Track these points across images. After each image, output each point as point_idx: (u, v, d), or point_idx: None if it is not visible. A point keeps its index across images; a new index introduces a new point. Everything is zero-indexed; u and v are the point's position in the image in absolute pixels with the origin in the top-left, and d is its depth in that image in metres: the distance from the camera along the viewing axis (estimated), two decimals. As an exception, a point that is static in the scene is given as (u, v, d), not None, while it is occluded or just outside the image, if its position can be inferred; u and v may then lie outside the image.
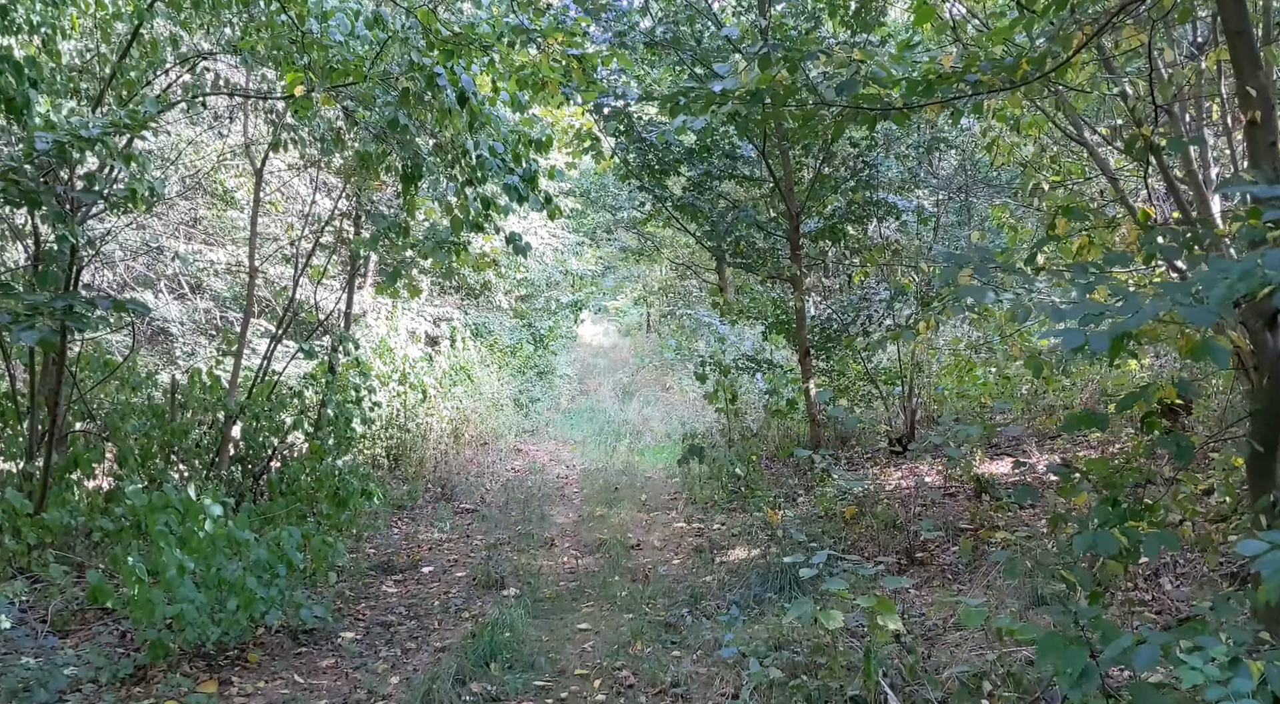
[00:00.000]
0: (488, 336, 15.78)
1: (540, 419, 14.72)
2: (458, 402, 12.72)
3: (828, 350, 9.29)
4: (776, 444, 10.54)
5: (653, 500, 9.45)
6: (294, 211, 12.54)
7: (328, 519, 7.38)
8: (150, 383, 8.56)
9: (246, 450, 8.85)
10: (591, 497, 9.73)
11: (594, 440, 13.44)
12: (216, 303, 13.43)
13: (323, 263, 10.43)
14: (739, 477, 8.86)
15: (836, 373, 9.57)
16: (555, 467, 11.83)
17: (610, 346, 35.62)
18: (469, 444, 12.20)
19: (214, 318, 13.12)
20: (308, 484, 7.90)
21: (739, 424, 10.41)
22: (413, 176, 6.86)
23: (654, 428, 13.83)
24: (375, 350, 12.26)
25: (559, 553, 7.59)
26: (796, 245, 9.13)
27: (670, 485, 10.23)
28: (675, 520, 8.44)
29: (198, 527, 5.05)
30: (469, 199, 6.11)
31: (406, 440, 11.04)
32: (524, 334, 16.53)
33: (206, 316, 13.04)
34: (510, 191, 6.00)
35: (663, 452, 12.48)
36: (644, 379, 19.74)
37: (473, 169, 6.26)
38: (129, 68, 6.44)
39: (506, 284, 16.42)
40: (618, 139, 9.22)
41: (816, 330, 9.38)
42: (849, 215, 9.16)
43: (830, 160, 9.03)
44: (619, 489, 9.92)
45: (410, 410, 11.44)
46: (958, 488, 7.59)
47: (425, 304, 14.87)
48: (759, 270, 9.29)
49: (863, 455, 9.56)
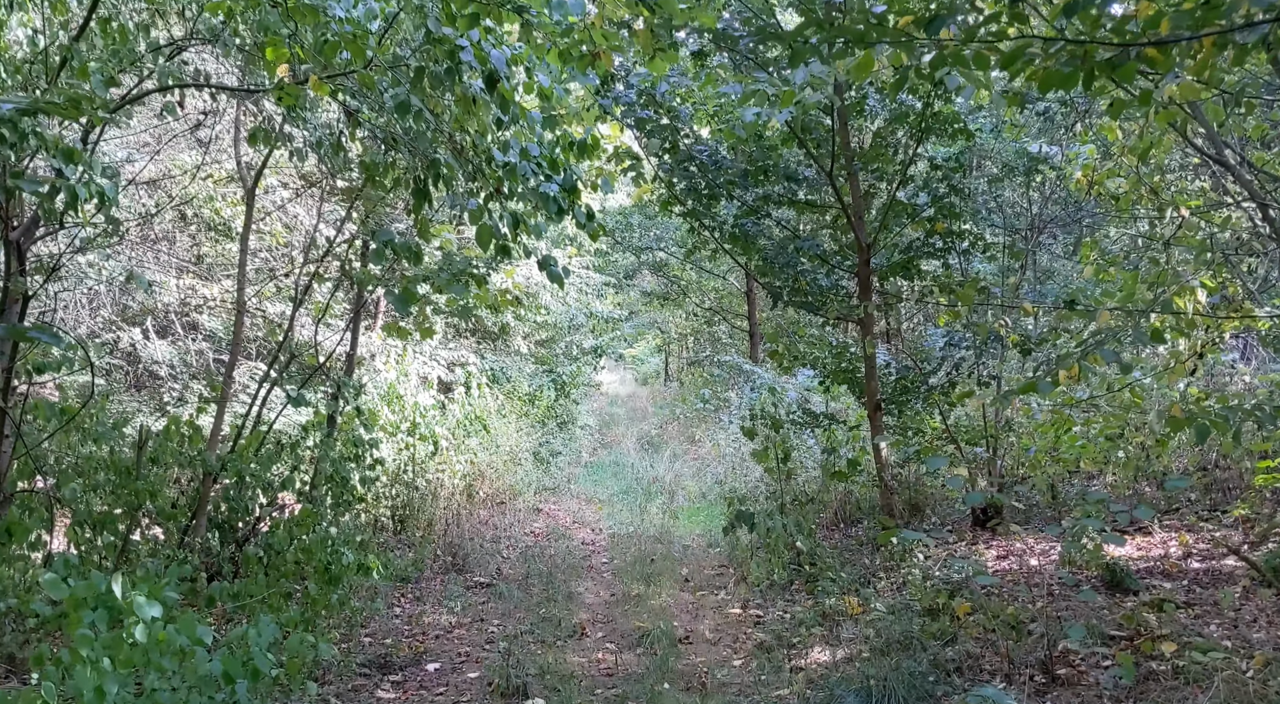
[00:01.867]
0: (506, 383, 14.57)
1: (561, 474, 13.44)
2: (472, 455, 11.48)
3: (900, 403, 8.02)
4: (836, 510, 9.23)
5: (696, 576, 8.13)
6: (297, 244, 11.44)
7: (315, 602, 6.11)
8: (117, 433, 7.35)
9: (228, 513, 7.65)
10: (624, 569, 8.42)
11: (621, 499, 12.15)
12: (212, 344, 12.29)
13: (326, 299, 9.26)
14: (800, 551, 7.55)
15: (911, 430, 8.29)
16: (579, 530, 10.53)
17: (628, 395, 34.46)
18: (484, 503, 10.93)
19: (206, 360, 11.96)
20: (295, 556, 6.65)
21: (790, 487, 9.10)
22: (425, 191, 5.71)
23: (686, 486, 12.53)
24: (383, 397, 11.09)
25: (591, 646, 6.29)
26: (867, 282, 7.91)
27: (713, 556, 8.92)
28: (728, 604, 7.13)
29: (127, 633, 3.80)
30: (495, 216, 4.91)
31: (414, 499, 9.78)
32: (545, 381, 15.31)
33: (199, 359, 11.88)
34: (546, 202, 4.81)
35: (699, 513, 11.17)
36: (670, 431, 18.46)
37: (499, 178, 5.08)
38: (87, 55, 5.32)
39: (526, 327, 15.26)
40: (660, 159, 8.07)
41: (890, 381, 8.13)
42: (926, 249, 7.95)
43: (906, 184, 7.84)
44: (655, 561, 8.62)
45: (419, 465, 10.20)
46: (1078, 574, 6.26)
47: (439, 347, 13.70)
48: (828, 311, 8.05)
49: (941, 527, 8.24)
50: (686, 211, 8.21)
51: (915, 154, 7.65)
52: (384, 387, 11.14)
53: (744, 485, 11.47)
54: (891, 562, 7.18)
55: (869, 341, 7.66)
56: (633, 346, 38.42)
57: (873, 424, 8.00)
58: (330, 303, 9.06)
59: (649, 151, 7.96)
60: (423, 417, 11.06)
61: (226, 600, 6.04)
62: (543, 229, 5.70)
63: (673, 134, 7.59)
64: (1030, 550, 7.19)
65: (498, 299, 9.22)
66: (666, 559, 8.69)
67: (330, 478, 7.57)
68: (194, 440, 7.39)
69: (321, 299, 10.49)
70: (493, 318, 14.80)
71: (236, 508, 7.60)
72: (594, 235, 5.44)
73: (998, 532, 7.83)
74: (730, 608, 6.96)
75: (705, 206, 8.08)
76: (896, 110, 7.71)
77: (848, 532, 8.95)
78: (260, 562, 6.66)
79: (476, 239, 4.82)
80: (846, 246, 8.15)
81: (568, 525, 10.73)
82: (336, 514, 7.82)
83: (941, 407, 7.98)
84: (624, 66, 7.59)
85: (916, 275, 8.16)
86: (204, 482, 7.32)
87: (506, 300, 9.01)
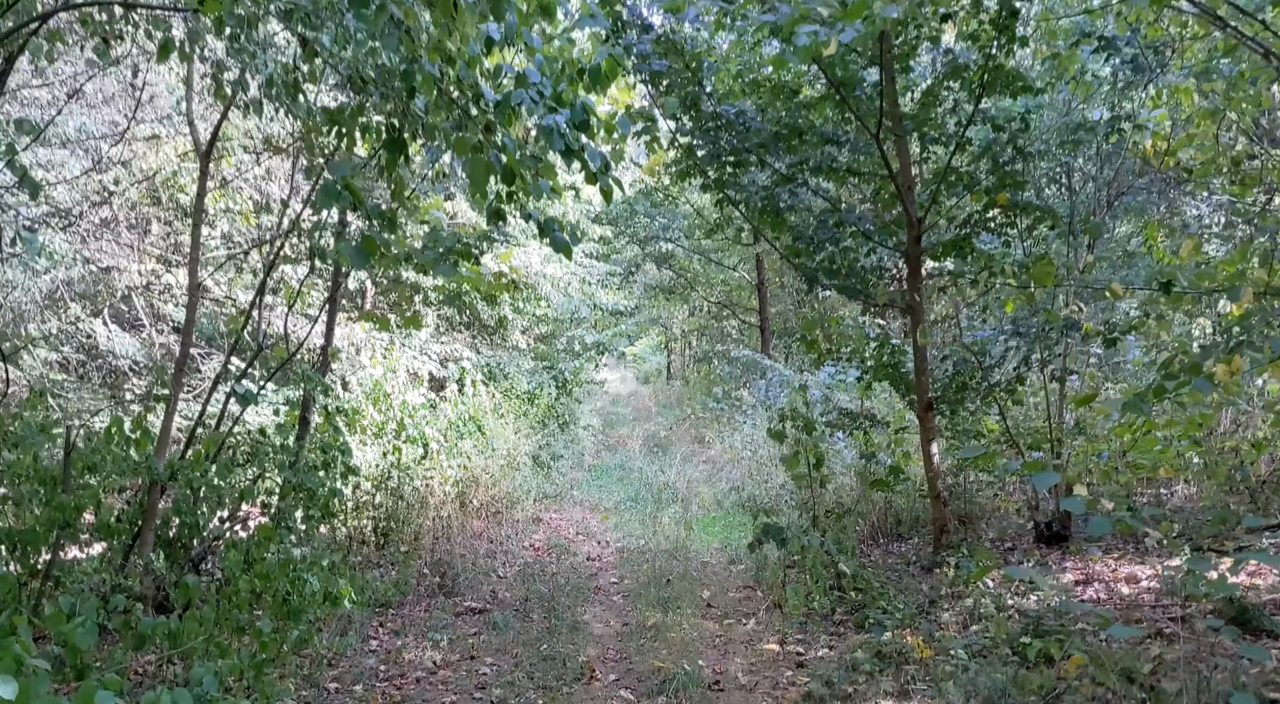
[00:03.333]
0: (503, 381, 13.51)
1: (563, 480, 12.37)
2: (465, 459, 10.43)
3: (956, 402, 6.96)
4: (874, 523, 8.18)
5: (720, 599, 7.08)
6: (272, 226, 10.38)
7: (267, 645, 5.06)
8: (45, 436, 6.31)
9: (179, 530, 6.63)
10: (636, 591, 7.37)
11: (629, 508, 11.09)
12: (175, 332, 11.22)
13: (300, 283, 8.20)
14: (843, 574, 6.50)
15: (969, 432, 7.25)
16: (584, 543, 9.48)
17: (629, 394, 33.49)
18: (478, 513, 9.88)
19: (173, 354, 10.89)
20: (249, 583, 5.59)
21: (822, 496, 8.05)
22: (400, 142, 4.66)
23: (700, 493, 11.47)
24: (368, 395, 10.05)
25: (602, 693, 5.23)
26: (917, 263, 6.86)
27: (737, 575, 7.87)
28: (760, 636, 6.07)
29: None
30: (489, 156, 3.84)
31: (399, 509, 8.73)
32: (545, 378, 14.24)
33: (165, 353, 10.82)
34: (550, 138, 3.74)
35: (715, 524, 10.12)
36: (678, 432, 17.40)
37: (490, 121, 4.02)
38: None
39: (525, 320, 14.19)
40: (678, 121, 7.01)
41: (944, 377, 7.07)
42: (986, 223, 6.90)
43: (963, 149, 6.78)
44: (671, 581, 7.57)
45: (405, 470, 9.15)
46: (1182, 608, 5.21)
47: (430, 341, 12.64)
48: (875, 296, 6.99)
49: (999, 543, 7.20)
50: (710, 182, 7.14)
51: (975, 114, 6.59)
52: (369, 383, 10.09)
53: (765, 493, 10.43)
54: (953, 587, 6.13)
55: (921, 331, 6.60)
56: (634, 344, 37.46)
57: (923, 426, 6.95)
58: (303, 288, 7.99)
59: (666, 113, 6.91)
60: (411, 416, 10.04)
61: (162, 639, 4.99)
62: (544, 189, 4.63)
63: (695, 86, 6.52)
64: (1114, 575, 6.14)
65: (492, 284, 8.17)
66: (684, 579, 7.64)
67: (297, 488, 6.52)
68: (142, 444, 6.38)
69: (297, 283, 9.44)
70: (489, 310, 13.75)
71: (188, 523, 6.58)
72: (608, 194, 4.38)
73: (1070, 550, 6.79)
74: (764, 642, 5.90)
75: (732, 175, 7.02)
76: (951, 62, 6.67)
77: (889, 548, 7.89)
78: (206, 590, 5.61)
79: (469, 176, 3.75)
80: (892, 222, 7.09)
81: (571, 538, 9.68)
82: (309, 530, 6.79)
83: (1001, 406, 6.92)
84: (636, 9, 6.54)
85: (970, 255, 7.10)
86: (150, 492, 6.32)
87: (502, 285, 7.96)
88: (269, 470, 6.62)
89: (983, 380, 6.74)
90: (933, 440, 6.94)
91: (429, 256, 6.65)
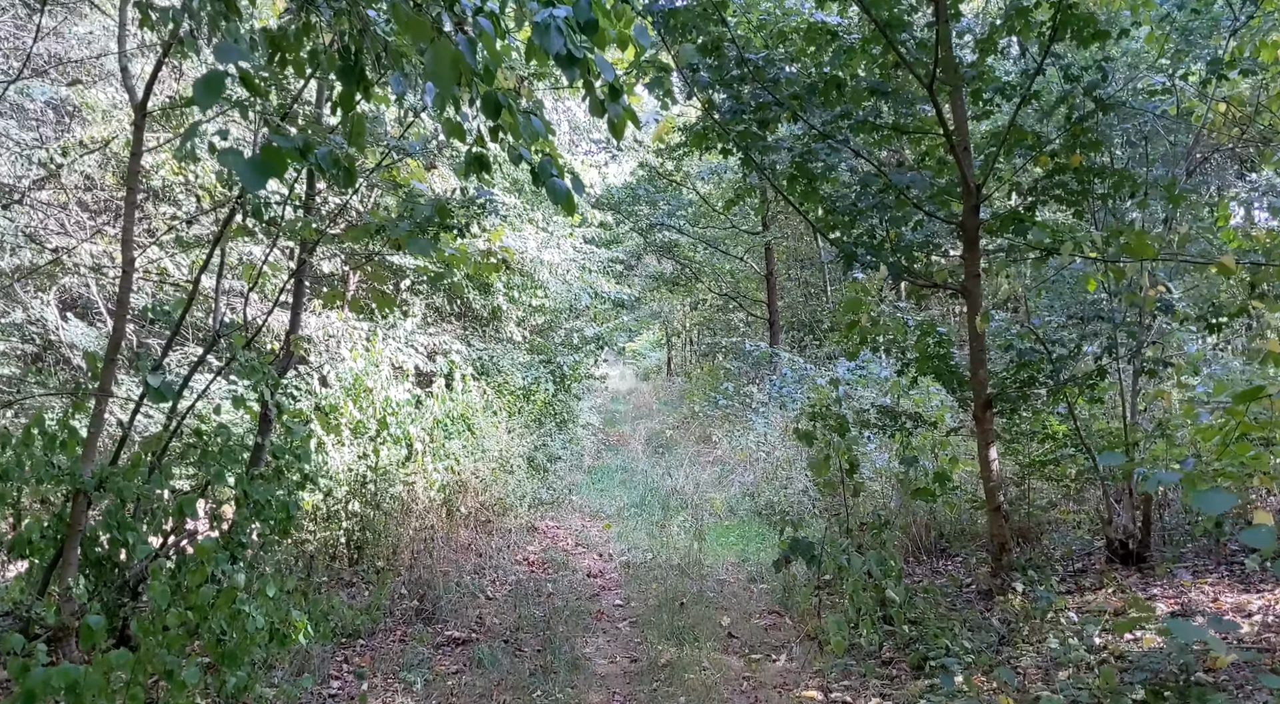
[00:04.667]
0: (496, 375, 12.50)
1: (561, 483, 11.38)
2: (453, 462, 9.45)
3: (1020, 399, 5.98)
4: (915, 538, 7.19)
5: (743, 628, 6.10)
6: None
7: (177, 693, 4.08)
8: (-55, 438, 5.34)
9: (108, 550, 5.65)
10: (646, 617, 6.38)
11: (633, 515, 10.11)
12: (137, 321, 10.23)
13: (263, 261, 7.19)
14: (890, 601, 5.52)
15: (1032, 434, 6.27)
16: (584, 556, 8.49)
17: (629, 391, 32.59)
18: (465, 522, 8.88)
19: (131, 343, 9.89)
20: (180, 617, 4.60)
21: (855, 506, 7.07)
22: (357, 70, 3.70)
23: (710, 498, 10.48)
24: (347, 390, 9.06)
25: (610, 756, 4.25)
26: (974, 236, 5.87)
27: (759, 597, 6.89)
28: (796, 679, 5.08)
29: None
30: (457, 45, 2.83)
31: (376, 520, 7.73)
32: (541, 373, 13.23)
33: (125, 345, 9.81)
34: (545, 36, 2.74)
35: (729, 534, 9.14)
36: (683, 431, 16.41)
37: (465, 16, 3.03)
38: None
39: (520, 311, 13.19)
40: (695, 72, 6.02)
41: (1007, 370, 6.09)
42: (1056, 190, 5.92)
43: (1029, 102, 5.79)
44: (685, 605, 6.59)
45: (384, 475, 8.17)
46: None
47: (417, 332, 11.64)
48: (933, 275, 6.00)
49: (1067, 563, 6.21)
50: (732, 143, 6.15)
51: (1044, 62, 5.60)
52: (349, 377, 9.10)
53: (783, 498, 9.47)
54: (1027, 619, 5.15)
55: (983, 315, 5.61)
56: (633, 340, 36.56)
57: (980, 427, 5.97)
58: (265, 267, 6.97)
59: (680, 62, 5.91)
60: (395, 414, 9.07)
61: (59, 692, 4.01)
62: (537, 129, 3.63)
63: (718, 25, 5.53)
64: (1216, 605, 5.15)
65: (480, 264, 7.18)
66: (700, 602, 6.66)
67: (247, 500, 5.53)
68: (69, 447, 5.41)
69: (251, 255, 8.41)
70: (482, 299, 12.75)
71: (119, 541, 5.59)
72: (618, 129, 3.39)
73: (1153, 572, 5.81)
74: (802, 688, 4.91)
75: (758, 134, 6.03)
76: (1015, 3, 5.69)
77: (934, 566, 6.91)
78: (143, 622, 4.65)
79: (431, 78, 2.84)
80: (943, 190, 6.11)
81: (569, 550, 8.69)
82: (266, 549, 5.81)
83: (1071, 404, 5.94)
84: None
85: (1032, 229, 6.11)
86: (74, 505, 5.35)
87: (490, 266, 6.96)
88: (214, 478, 5.62)
89: (1053, 374, 5.75)
90: (991, 444, 5.96)
91: (403, 229, 5.69)
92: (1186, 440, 6.12)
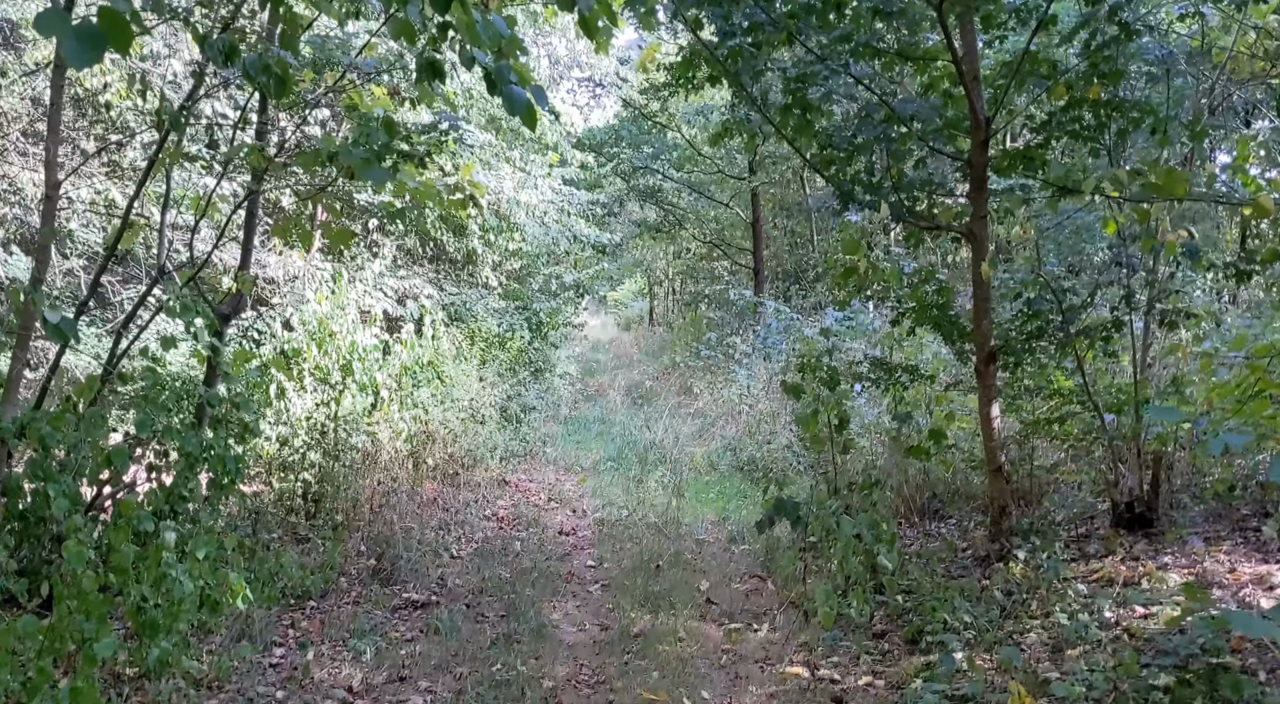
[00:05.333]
0: (472, 322, 11.99)
1: (535, 435, 10.94)
2: (421, 410, 8.99)
3: (1027, 351, 5.54)
4: (907, 499, 6.80)
5: (722, 593, 5.70)
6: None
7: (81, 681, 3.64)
8: None
9: (36, 503, 5.16)
10: (619, 581, 5.98)
11: (609, 469, 9.69)
12: (89, 260, 9.65)
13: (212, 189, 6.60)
14: (883, 568, 5.12)
15: (1038, 390, 5.85)
16: (557, 513, 8.08)
17: (610, 340, 32.16)
18: (432, 474, 8.44)
19: (78, 281, 9.32)
20: (101, 579, 4.14)
21: (844, 464, 6.65)
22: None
23: (690, 451, 10.08)
24: (311, 335, 8.55)
25: (574, 738, 3.85)
26: (982, 174, 5.39)
27: (740, 558, 6.50)
28: (779, 653, 4.69)
29: None
30: None
31: (335, 471, 7.27)
32: (517, 320, 12.71)
33: (66, 280, 9.25)
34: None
35: (709, 490, 8.75)
36: (663, 381, 15.97)
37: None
38: None
39: (496, 255, 12.62)
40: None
41: (1013, 321, 5.64)
42: (1071, 126, 5.42)
43: (1048, 27, 5.27)
44: (661, 567, 6.19)
45: (345, 423, 7.70)
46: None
47: (386, 275, 11.09)
48: (938, 217, 5.51)
49: (1070, 527, 5.83)
50: (722, 71, 5.61)
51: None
52: (314, 322, 8.58)
53: (766, 454, 9.07)
54: (1031, 589, 4.77)
55: (989, 261, 5.14)
56: (616, 289, 36.01)
57: (982, 382, 5.53)
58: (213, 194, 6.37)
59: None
60: (361, 360, 8.57)
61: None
62: (499, 29, 3.10)
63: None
64: (1234, 576, 4.78)
65: (446, 199, 6.62)
66: (677, 564, 6.26)
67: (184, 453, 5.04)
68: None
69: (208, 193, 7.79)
70: (455, 242, 12.18)
71: (44, 494, 5.10)
72: (591, 26, 2.86)
73: (1162, 538, 5.43)
74: (786, 663, 4.52)
75: (749, 60, 5.48)
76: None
77: (927, 529, 6.53)
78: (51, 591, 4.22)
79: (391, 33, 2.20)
80: (950, 123, 5.60)
81: (541, 505, 8.27)
82: (212, 504, 5.34)
83: (1080, 357, 5.51)
84: None
85: (1044, 168, 5.63)
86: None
87: (457, 202, 6.41)
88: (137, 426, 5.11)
89: (1063, 324, 5.31)
90: (994, 400, 5.53)
91: (357, 156, 5.15)
92: (1196, 398, 5.70)
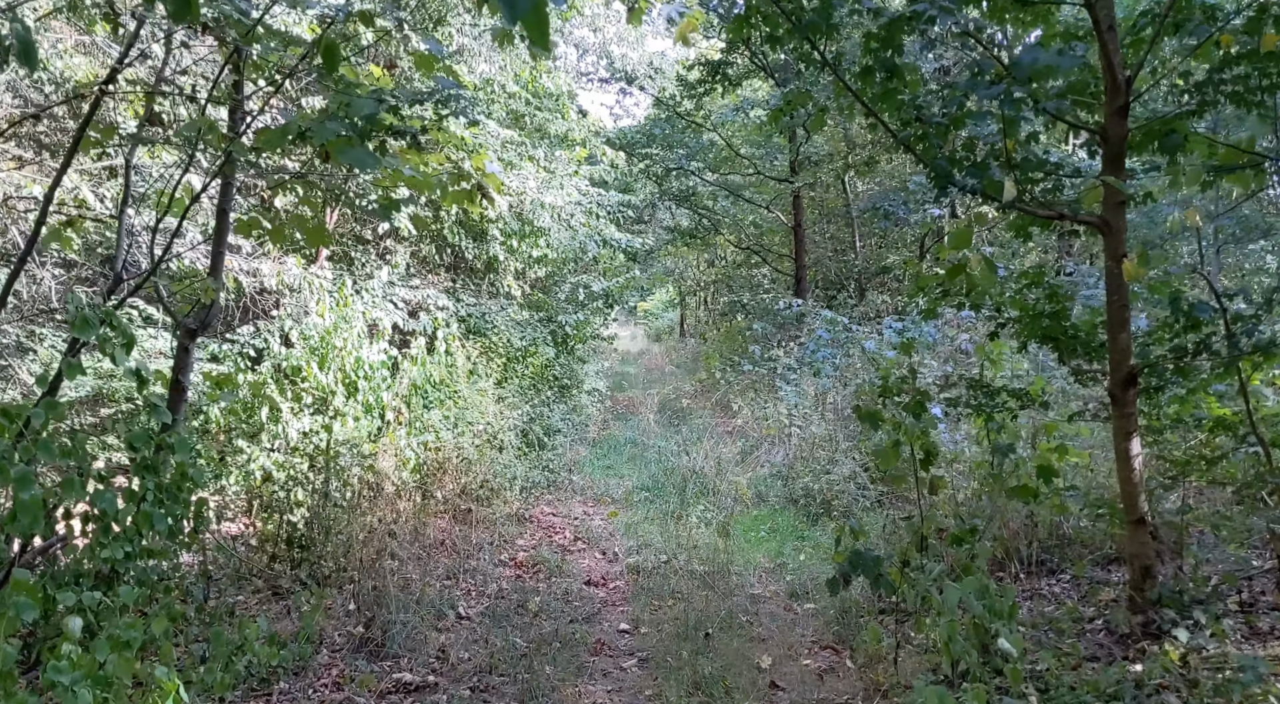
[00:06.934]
0: (491, 334, 10.95)
1: (560, 459, 9.86)
2: (432, 436, 7.96)
3: (1180, 373, 4.38)
4: (1006, 547, 5.63)
5: (789, 674, 4.57)
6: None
7: None
8: None
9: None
10: (659, 654, 4.86)
11: (644, 501, 8.58)
12: (71, 270, 8.71)
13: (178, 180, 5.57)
14: (1006, 656, 3.97)
15: (1190, 422, 4.69)
16: (584, 556, 6.98)
17: (639, 352, 31.15)
18: (441, 510, 7.38)
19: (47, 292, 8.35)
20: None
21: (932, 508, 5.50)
22: None
23: (734, 480, 8.94)
24: (313, 350, 7.57)
25: None
26: (1120, 150, 4.26)
27: (806, 621, 5.36)
28: (876, 771, 3.56)
29: None
30: None
31: (327, 513, 6.22)
32: (540, 332, 11.65)
33: (36, 291, 8.29)
34: None
35: (759, 528, 7.62)
36: (699, 399, 14.86)
37: None
38: None
39: (519, 262, 11.57)
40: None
41: (1170, 331, 4.48)
42: (1233, 86, 4.28)
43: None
44: (710, 635, 5.06)
45: (345, 452, 6.69)
46: None
47: (397, 284, 10.08)
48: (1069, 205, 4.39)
49: (1230, 591, 4.65)
50: (783, 31, 4.51)
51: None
52: (316, 336, 7.61)
53: (824, 485, 7.92)
54: (1191, 686, 3.60)
55: (1140, 257, 4.00)
56: (646, 299, 35.00)
57: (1119, 410, 4.37)
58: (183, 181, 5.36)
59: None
60: (368, 379, 7.60)
61: None
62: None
63: None
64: None
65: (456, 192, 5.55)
66: (729, 628, 5.13)
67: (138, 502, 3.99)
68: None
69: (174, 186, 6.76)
70: (475, 248, 11.15)
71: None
72: None
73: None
74: (889, 791, 3.39)
75: (819, 15, 4.39)
76: None
77: (1035, 587, 5.35)
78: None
79: None
80: (1074, 87, 4.47)
81: (567, 546, 7.18)
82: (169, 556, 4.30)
83: (1244, 381, 4.35)
84: None
85: (1186, 143, 4.48)
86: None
87: (463, 192, 5.34)
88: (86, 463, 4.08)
89: (1229, 338, 4.15)
90: (1133, 433, 4.38)
91: (332, 131, 4.12)
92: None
